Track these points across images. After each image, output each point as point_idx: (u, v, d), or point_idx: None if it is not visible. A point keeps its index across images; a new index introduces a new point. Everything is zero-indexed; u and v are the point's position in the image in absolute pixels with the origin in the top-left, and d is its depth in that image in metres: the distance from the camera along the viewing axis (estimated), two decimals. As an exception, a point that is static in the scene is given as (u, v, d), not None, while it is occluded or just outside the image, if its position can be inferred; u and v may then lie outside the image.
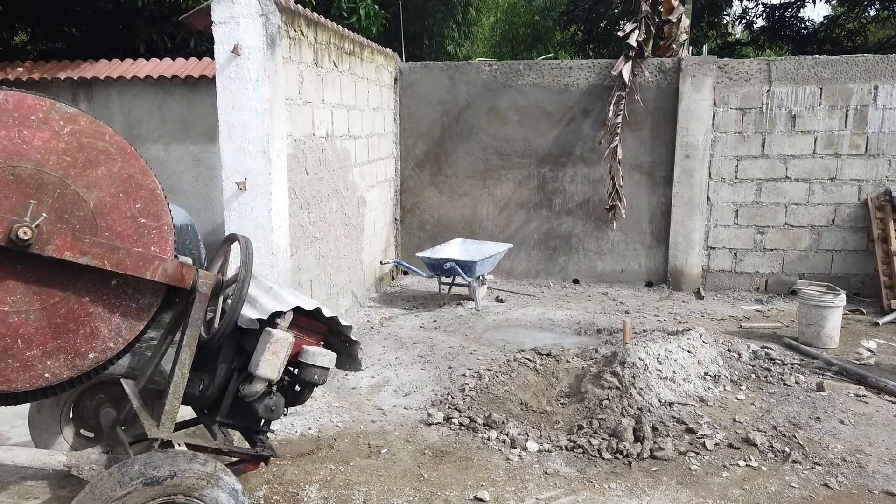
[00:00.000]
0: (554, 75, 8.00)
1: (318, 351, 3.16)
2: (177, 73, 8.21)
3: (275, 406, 3.14)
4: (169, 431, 2.92)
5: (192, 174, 8.52)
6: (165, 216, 2.88)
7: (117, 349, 2.81)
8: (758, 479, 3.75)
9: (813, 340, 5.92)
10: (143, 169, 2.85)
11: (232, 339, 3.12)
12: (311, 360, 3.13)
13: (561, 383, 4.90)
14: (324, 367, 3.15)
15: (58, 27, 11.48)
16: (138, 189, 2.80)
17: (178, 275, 2.85)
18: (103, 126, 2.82)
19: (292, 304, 3.11)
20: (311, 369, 3.13)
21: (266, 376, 3.01)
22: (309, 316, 3.19)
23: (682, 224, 7.86)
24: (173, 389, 2.92)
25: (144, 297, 2.84)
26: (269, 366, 3.00)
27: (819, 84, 7.45)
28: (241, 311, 3.01)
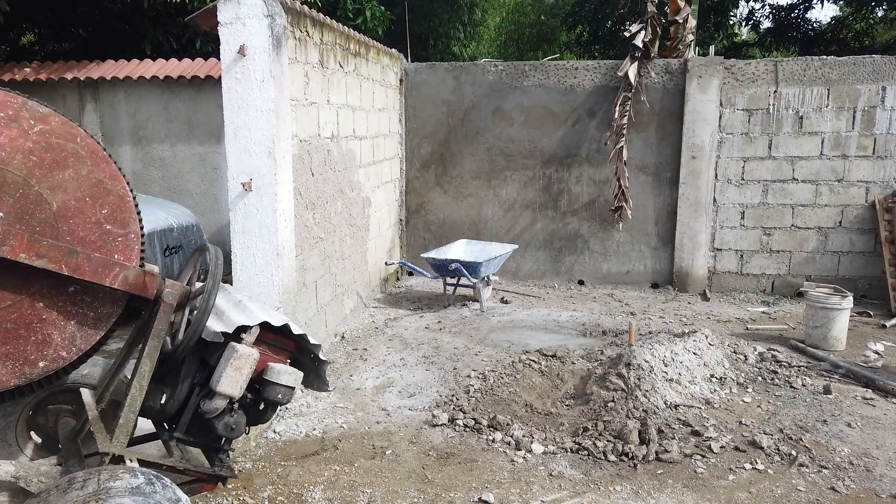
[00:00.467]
0: (559, 76, 7.99)
1: (284, 369, 3.03)
2: (183, 74, 8.23)
3: (235, 424, 3.00)
4: (122, 446, 2.78)
5: (197, 174, 8.54)
6: (134, 224, 2.78)
7: (70, 359, 2.68)
8: (764, 483, 3.73)
9: (820, 343, 5.89)
10: (114, 174, 2.76)
11: (196, 353, 3.01)
12: (275, 378, 2.99)
13: (566, 385, 4.89)
14: (288, 386, 3.02)
15: (65, 28, 11.53)
16: (106, 194, 2.70)
17: (139, 283, 2.74)
18: (75, 127, 2.73)
19: (260, 318, 3.01)
20: (274, 388, 3.00)
21: (227, 393, 2.88)
22: (277, 332, 3.08)
23: (688, 225, 7.83)
24: (129, 402, 2.80)
25: (104, 305, 2.72)
26: (230, 382, 2.87)
27: (826, 85, 7.41)
28: (207, 323, 2.92)
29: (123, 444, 2.80)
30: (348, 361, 5.56)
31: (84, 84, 8.44)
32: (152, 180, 8.56)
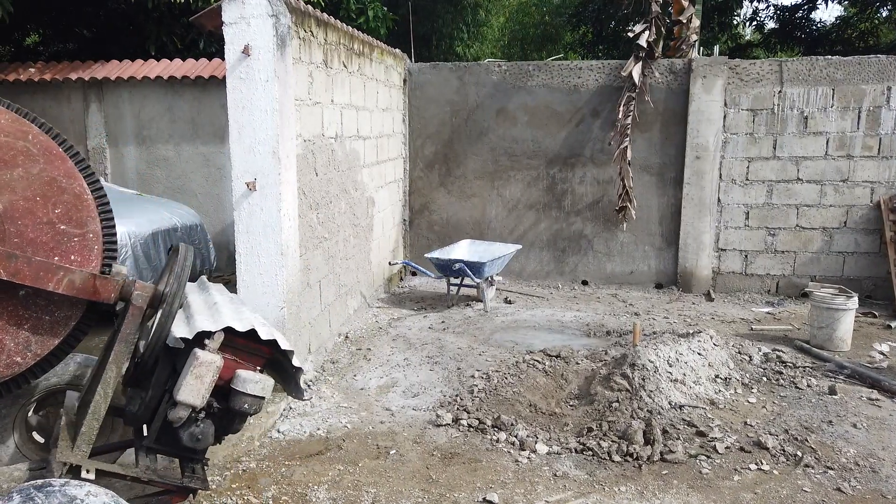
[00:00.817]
0: (563, 76, 7.98)
1: (250, 377, 2.88)
2: (187, 74, 8.25)
3: (201, 434, 2.88)
4: (83, 455, 2.68)
5: (201, 174, 8.55)
6: (92, 223, 2.67)
7: (27, 364, 2.59)
8: (769, 483, 3.72)
9: (825, 343, 5.87)
10: (69, 172, 2.65)
11: (168, 358, 2.91)
12: (241, 386, 2.87)
13: (570, 385, 4.88)
14: (255, 396, 2.88)
15: (69, 28, 11.56)
16: (60, 193, 2.59)
17: (88, 287, 2.61)
18: (27, 125, 2.62)
19: (225, 322, 2.87)
20: (241, 397, 2.87)
21: (187, 402, 2.77)
22: (248, 337, 2.94)
23: (693, 225, 7.82)
24: (93, 410, 2.70)
25: (60, 309, 2.62)
26: (191, 390, 2.75)
27: (831, 85, 7.39)
28: (178, 327, 2.83)
29: (85, 454, 2.69)
30: (352, 361, 5.56)
31: (89, 84, 8.46)
32: (156, 180, 8.57)
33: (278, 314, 4.57)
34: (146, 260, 6.13)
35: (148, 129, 8.51)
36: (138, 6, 9.14)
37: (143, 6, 8.92)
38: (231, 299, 3.33)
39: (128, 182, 8.49)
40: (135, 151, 8.57)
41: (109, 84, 8.42)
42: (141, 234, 6.14)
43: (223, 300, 3.27)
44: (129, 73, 8.31)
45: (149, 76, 8.25)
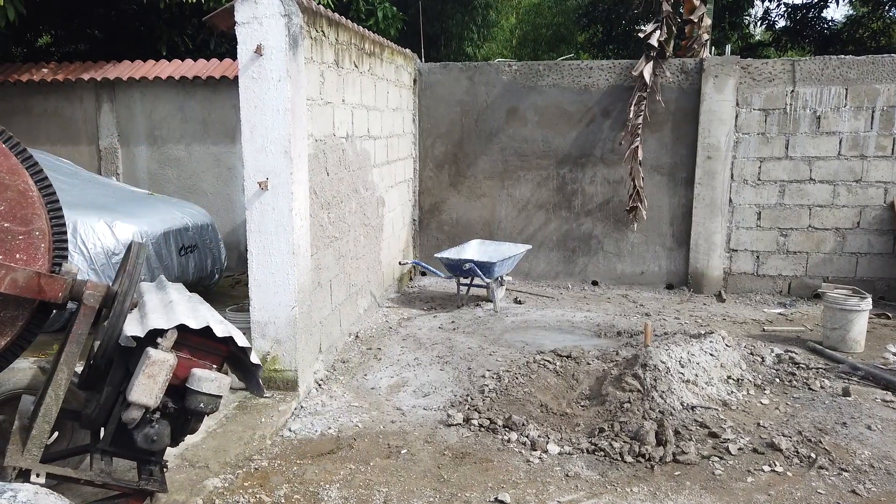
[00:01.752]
0: (574, 76, 7.96)
1: (206, 375, 2.80)
2: (198, 74, 8.29)
3: (156, 436, 2.78)
4: (34, 459, 2.61)
5: (212, 174, 8.59)
6: (38, 221, 2.59)
7: None
8: (783, 485, 3.69)
9: (838, 344, 5.82)
10: (13, 168, 2.59)
11: (121, 359, 2.84)
12: (195, 385, 2.78)
13: (581, 386, 4.86)
14: (211, 395, 2.79)
15: (81, 29, 11.64)
16: (3, 190, 2.53)
17: (33, 286, 2.55)
18: None
19: (178, 320, 2.80)
20: (196, 396, 2.78)
21: (140, 402, 2.68)
22: (204, 335, 2.85)
23: (704, 226, 7.78)
24: (44, 412, 2.64)
25: (6, 309, 2.55)
26: (143, 390, 2.66)
27: (844, 84, 7.34)
28: (130, 327, 2.76)
29: (36, 458, 2.63)
30: (363, 361, 5.57)
31: (101, 84, 8.51)
32: (168, 180, 8.61)
33: (290, 313, 4.58)
34: (157, 259, 6.16)
35: (159, 129, 8.55)
36: (150, 7, 9.20)
37: (155, 6, 8.97)
38: (189, 298, 3.25)
39: (139, 182, 8.54)
40: (146, 151, 8.62)
41: (121, 84, 8.47)
42: (152, 233, 6.17)
43: (179, 298, 3.19)
44: (140, 74, 8.36)
45: (160, 76, 8.30)
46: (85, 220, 5.82)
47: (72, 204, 6.08)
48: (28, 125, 8.70)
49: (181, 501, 3.38)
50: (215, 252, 7.10)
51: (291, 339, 4.62)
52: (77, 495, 3.10)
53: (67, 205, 6.14)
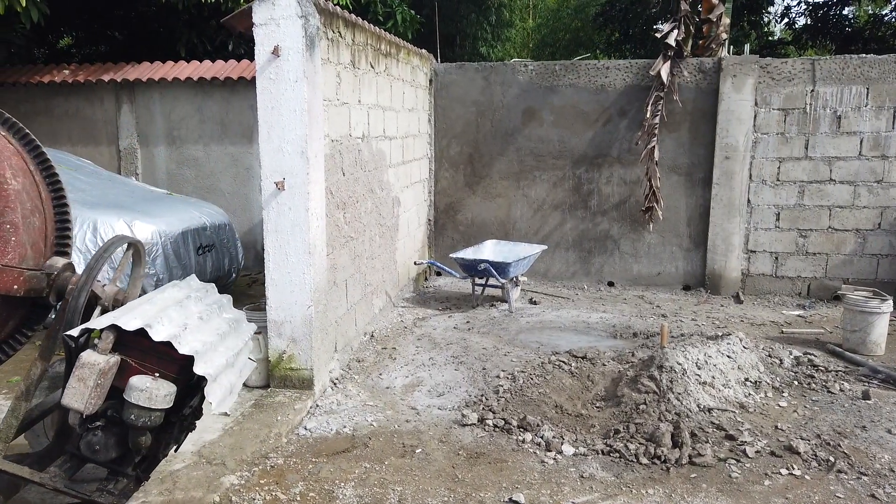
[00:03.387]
0: (590, 76, 7.92)
1: (138, 384, 2.56)
2: (216, 75, 8.36)
3: (98, 445, 2.61)
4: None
5: (230, 174, 8.66)
6: (11, 214, 2.52)
7: None
8: (801, 489, 3.65)
9: (858, 347, 5.75)
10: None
11: (72, 359, 2.67)
12: (127, 394, 2.56)
13: (597, 387, 4.85)
14: (141, 407, 2.55)
15: (101, 31, 11.79)
16: None
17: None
18: None
19: (116, 320, 2.61)
20: (127, 407, 2.57)
21: (71, 406, 2.51)
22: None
23: (721, 227, 7.71)
24: (12, 407, 2.58)
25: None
26: (74, 394, 2.48)
27: (865, 84, 7.24)
28: (93, 325, 2.64)
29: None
30: (378, 360, 5.59)
31: (120, 86, 8.62)
32: (186, 180, 8.70)
33: (306, 312, 4.61)
34: (176, 258, 6.23)
35: (178, 129, 8.64)
36: (169, 8, 9.30)
37: (174, 8, 9.07)
38: (180, 300, 3.03)
39: (158, 182, 8.63)
40: (165, 151, 8.71)
41: (141, 85, 8.57)
42: (171, 232, 6.24)
43: (163, 298, 3.00)
44: (159, 75, 8.45)
45: (179, 77, 8.38)
46: (105, 220, 5.89)
47: (92, 203, 6.18)
48: (50, 126, 8.84)
49: (198, 498, 3.42)
50: (232, 251, 7.17)
51: (307, 338, 4.65)
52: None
53: (88, 204, 6.26)
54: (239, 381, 3.08)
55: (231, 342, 3.07)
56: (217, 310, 3.21)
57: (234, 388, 2.99)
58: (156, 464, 3.06)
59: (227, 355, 2.94)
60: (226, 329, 3.09)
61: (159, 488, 3.49)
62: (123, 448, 2.69)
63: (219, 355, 2.86)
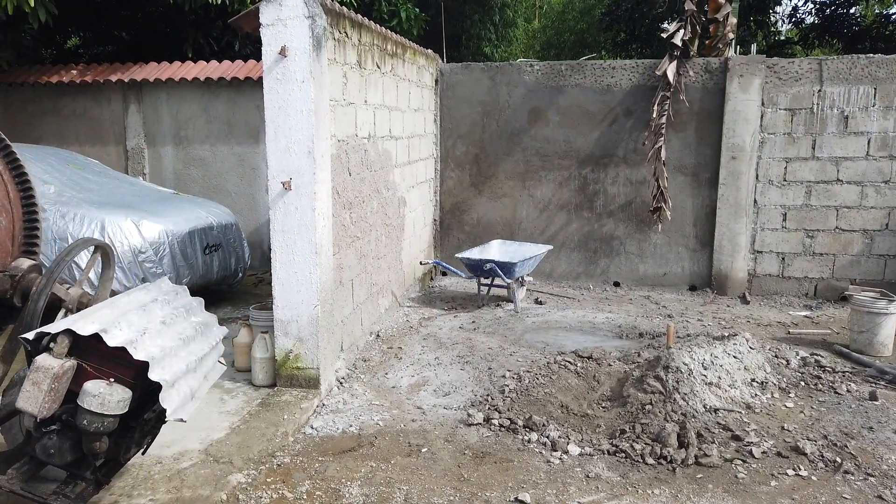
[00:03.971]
0: (596, 76, 7.92)
1: (91, 389, 2.54)
2: (222, 76, 8.39)
3: (53, 449, 2.60)
4: None
5: (236, 174, 8.69)
6: None
7: None
8: (808, 489, 3.64)
9: (865, 348, 5.73)
10: None
11: None
12: (80, 399, 2.55)
13: (602, 387, 4.84)
14: (93, 412, 2.53)
15: (108, 31, 11.83)
16: None
17: None
18: None
19: (73, 324, 2.58)
20: (79, 412, 2.55)
21: (26, 410, 2.51)
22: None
23: (728, 227, 7.70)
24: None
25: None
26: (28, 398, 2.48)
27: (873, 84, 7.21)
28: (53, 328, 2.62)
29: None
30: (384, 360, 5.60)
31: (128, 86, 8.66)
32: (193, 180, 8.73)
33: (312, 312, 4.63)
34: (183, 258, 6.25)
35: (185, 129, 8.67)
36: (176, 9, 9.33)
37: (181, 8, 9.10)
38: (145, 303, 2.99)
39: (165, 181, 8.67)
40: (172, 151, 8.75)
41: (148, 85, 8.60)
42: (178, 232, 6.27)
43: (127, 301, 2.97)
44: (166, 75, 8.48)
45: (186, 77, 8.41)
46: (112, 219, 5.93)
47: (100, 203, 6.21)
48: (57, 126, 8.89)
49: (206, 496, 3.44)
50: (239, 251, 7.19)
51: (313, 337, 4.66)
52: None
53: (96, 204, 6.30)
54: (204, 385, 3.07)
55: (196, 347, 3.04)
56: (185, 313, 3.17)
57: (198, 394, 2.98)
58: (118, 468, 3.06)
59: (189, 360, 2.92)
60: (191, 333, 3.06)
61: (167, 486, 3.51)
62: (80, 452, 2.67)
63: (179, 361, 2.84)
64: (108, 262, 3.26)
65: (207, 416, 4.35)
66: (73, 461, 2.67)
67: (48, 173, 6.47)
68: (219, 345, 3.35)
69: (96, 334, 2.56)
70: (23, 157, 6.55)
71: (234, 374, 5.10)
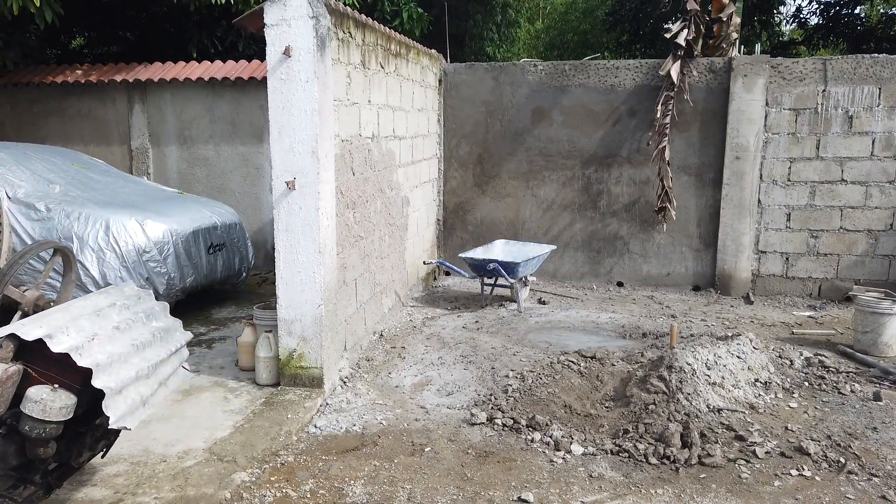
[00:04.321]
0: (600, 76, 7.92)
1: (33, 395, 2.52)
2: (226, 76, 8.41)
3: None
4: None
5: (240, 174, 8.71)
6: None
7: None
8: (811, 490, 3.64)
9: (869, 348, 5.72)
10: None
11: None
12: (23, 405, 2.53)
13: (606, 387, 4.84)
14: (34, 419, 2.52)
15: (113, 31, 11.88)
16: None
17: None
18: None
19: (19, 328, 2.56)
20: (22, 418, 2.54)
21: None
22: None
23: (732, 227, 7.69)
24: None
25: None
26: None
27: (878, 84, 7.20)
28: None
29: None
30: (387, 359, 5.61)
31: (132, 86, 8.68)
32: (197, 179, 8.76)
33: (315, 311, 4.64)
34: (187, 257, 6.27)
35: (189, 129, 8.70)
36: (180, 9, 9.35)
37: (185, 9, 9.12)
38: (100, 308, 2.97)
39: (169, 181, 8.70)
40: (176, 151, 8.77)
41: (152, 85, 8.63)
42: (182, 231, 6.29)
43: (81, 305, 2.94)
44: (171, 75, 8.51)
45: (190, 77, 8.44)
46: (117, 219, 5.95)
47: (104, 203, 6.23)
48: (63, 126, 8.92)
49: (210, 494, 3.45)
50: (243, 250, 7.21)
51: (317, 336, 4.68)
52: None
53: (100, 203, 6.33)
54: (160, 391, 3.04)
55: (151, 353, 3.02)
56: (144, 318, 3.15)
57: (149, 401, 2.95)
58: (70, 472, 3.03)
59: (141, 367, 2.90)
60: (147, 339, 3.04)
61: (171, 484, 3.52)
62: (26, 457, 2.66)
63: (129, 367, 2.82)
64: (70, 265, 3.27)
65: (212, 415, 4.37)
66: (21, 465, 2.66)
67: (53, 173, 6.50)
68: (182, 350, 3.33)
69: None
70: (27, 157, 6.60)
71: (238, 374, 5.12)
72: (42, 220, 5.91)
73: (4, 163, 6.25)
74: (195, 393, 4.75)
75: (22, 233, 5.91)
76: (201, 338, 6.00)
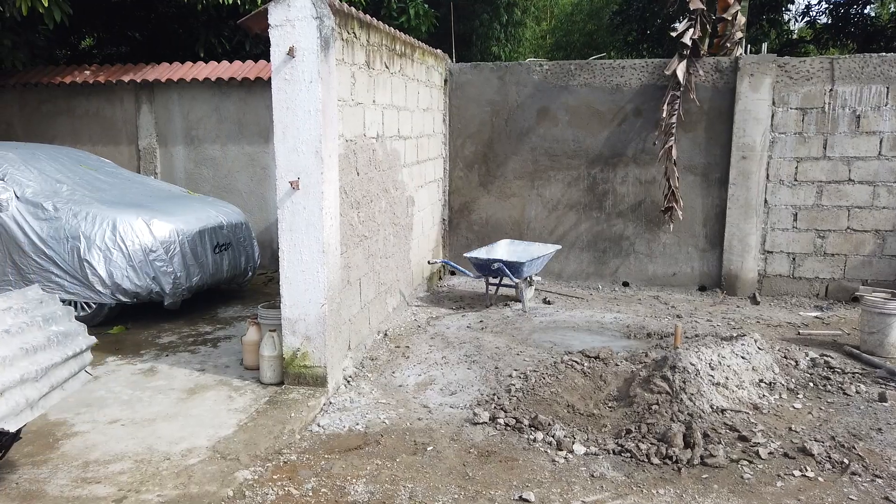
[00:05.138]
0: (606, 75, 7.90)
1: None
2: (233, 76, 8.45)
3: None
4: None
5: (246, 174, 8.75)
6: None
7: None
8: (814, 490, 3.63)
9: (876, 349, 5.69)
10: None
11: None
12: None
13: (609, 387, 4.84)
14: None
15: (121, 32, 11.95)
16: None
17: None
18: None
19: None
20: None
21: None
22: None
23: (738, 227, 7.66)
24: None
25: None
26: None
27: (886, 83, 7.15)
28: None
29: None
30: (391, 358, 5.62)
31: (140, 86, 8.74)
32: (203, 179, 8.81)
33: (319, 310, 4.66)
34: (193, 257, 6.31)
35: (196, 129, 8.75)
36: (188, 9, 9.41)
37: (192, 9, 9.17)
38: (23, 324, 2.96)
39: (176, 181, 8.75)
40: (183, 151, 8.82)
41: (160, 86, 8.69)
42: (188, 231, 6.33)
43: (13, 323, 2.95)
44: (178, 75, 8.56)
45: (197, 78, 8.49)
46: (124, 218, 5.99)
47: (111, 202, 6.28)
48: (71, 126, 8.99)
49: (212, 492, 3.47)
50: (249, 250, 7.24)
51: (321, 335, 4.70)
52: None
53: (108, 203, 6.37)
54: (53, 394, 3.04)
55: (44, 356, 3.02)
56: (41, 322, 3.15)
57: (37, 405, 2.95)
58: None
59: (28, 370, 2.90)
60: (41, 343, 3.04)
61: (175, 482, 3.55)
62: None
63: (14, 370, 2.81)
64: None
65: (216, 414, 4.40)
66: None
67: (61, 172, 6.56)
68: (84, 354, 3.34)
69: None
70: (35, 157, 6.65)
71: (243, 373, 5.15)
72: (49, 219, 5.96)
73: (13, 162, 6.31)
74: (200, 392, 4.79)
75: (30, 232, 5.96)
76: (207, 337, 6.04)
